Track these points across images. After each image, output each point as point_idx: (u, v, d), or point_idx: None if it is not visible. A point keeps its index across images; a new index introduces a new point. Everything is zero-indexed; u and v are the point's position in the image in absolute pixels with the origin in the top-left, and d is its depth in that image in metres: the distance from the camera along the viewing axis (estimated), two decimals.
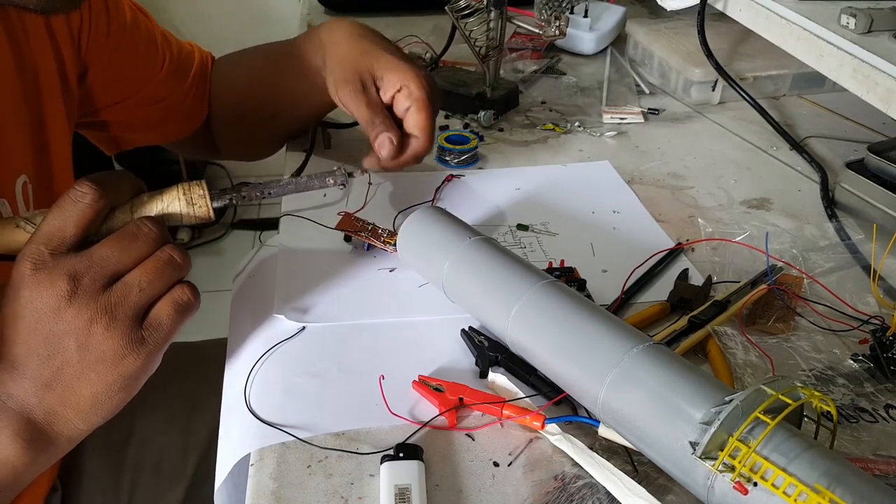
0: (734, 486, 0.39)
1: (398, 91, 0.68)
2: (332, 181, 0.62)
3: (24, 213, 0.51)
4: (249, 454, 0.50)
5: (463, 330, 0.59)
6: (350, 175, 0.63)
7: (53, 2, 0.53)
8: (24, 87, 0.65)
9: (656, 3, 1.02)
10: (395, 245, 0.65)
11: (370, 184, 0.77)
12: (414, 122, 0.67)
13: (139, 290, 0.48)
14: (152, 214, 0.52)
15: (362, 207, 0.73)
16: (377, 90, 0.69)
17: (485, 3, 0.90)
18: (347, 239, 0.68)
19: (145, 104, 0.79)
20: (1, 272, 0.58)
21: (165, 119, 0.82)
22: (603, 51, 1.17)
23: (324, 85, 0.73)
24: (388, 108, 0.70)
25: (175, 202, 0.53)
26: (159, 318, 0.49)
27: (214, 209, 0.55)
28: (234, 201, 0.57)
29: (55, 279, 0.46)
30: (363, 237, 0.67)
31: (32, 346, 0.47)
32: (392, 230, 0.69)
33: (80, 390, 0.48)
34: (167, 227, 0.52)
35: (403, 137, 0.68)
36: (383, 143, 0.67)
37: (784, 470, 0.38)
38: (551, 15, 0.94)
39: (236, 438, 0.53)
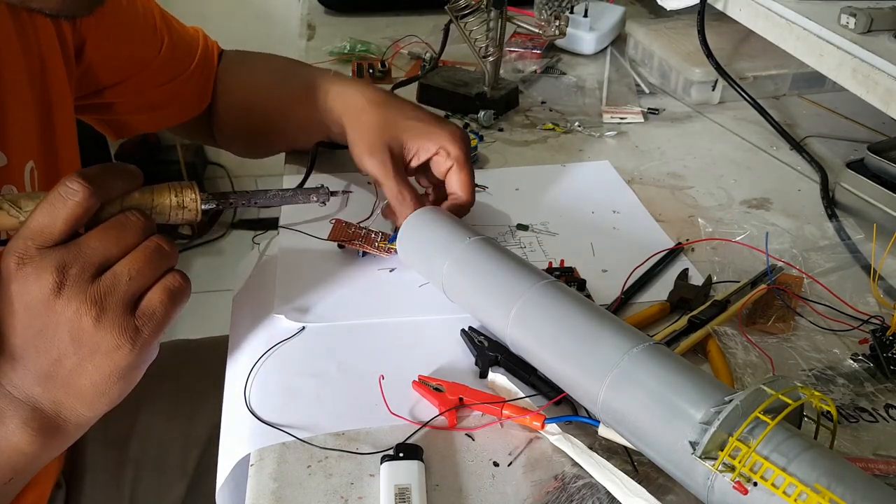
0: (734, 486, 0.39)
1: (435, 154, 0.69)
2: (315, 198, 0.65)
3: (8, 193, 0.49)
4: (249, 454, 0.50)
5: (463, 330, 0.59)
6: (332, 194, 0.65)
7: (70, 7, 0.52)
8: (30, 69, 0.64)
9: (656, 2, 1.02)
10: (387, 249, 0.66)
11: (377, 196, 0.75)
12: (457, 180, 0.68)
13: (128, 279, 0.47)
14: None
15: (368, 217, 0.72)
16: (405, 158, 0.69)
17: (485, 2, 0.90)
18: (341, 246, 0.68)
19: (149, 87, 0.79)
20: None
21: (168, 102, 0.82)
22: (603, 51, 1.17)
23: (339, 134, 0.73)
24: (422, 168, 0.71)
25: (165, 201, 0.53)
26: (152, 305, 0.48)
27: (202, 212, 0.55)
28: (220, 206, 0.57)
29: (41, 272, 0.46)
30: (357, 245, 0.67)
31: (30, 339, 0.47)
32: (388, 232, 0.69)
33: (79, 381, 0.48)
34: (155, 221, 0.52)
35: (444, 193, 0.70)
36: None
37: (784, 470, 0.38)
38: (551, 15, 0.94)
39: (236, 439, 0.53)
